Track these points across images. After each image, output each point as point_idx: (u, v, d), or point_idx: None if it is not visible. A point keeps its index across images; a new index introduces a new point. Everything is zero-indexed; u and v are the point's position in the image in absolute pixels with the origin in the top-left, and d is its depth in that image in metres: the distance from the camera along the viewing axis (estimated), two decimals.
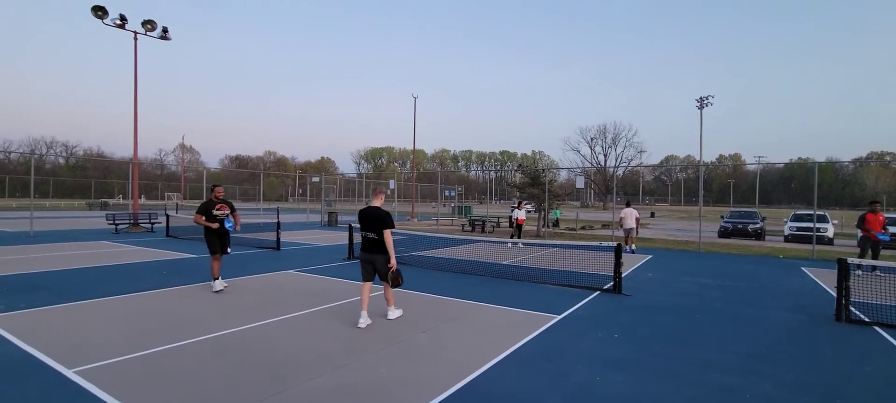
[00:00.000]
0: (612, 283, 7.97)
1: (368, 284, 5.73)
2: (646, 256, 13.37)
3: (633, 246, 14.71)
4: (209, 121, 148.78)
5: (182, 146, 77.74)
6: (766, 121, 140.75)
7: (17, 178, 52.33)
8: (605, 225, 26.58)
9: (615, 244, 8.12)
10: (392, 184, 30.40)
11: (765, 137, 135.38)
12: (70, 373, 3.96)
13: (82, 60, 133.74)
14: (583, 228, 25.25)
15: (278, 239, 13.30)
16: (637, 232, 15.66)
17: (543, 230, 20.91)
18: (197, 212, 7.56)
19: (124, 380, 3.83)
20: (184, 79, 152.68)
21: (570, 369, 4.34)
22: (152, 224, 19.16)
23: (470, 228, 22.98)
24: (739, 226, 20.77)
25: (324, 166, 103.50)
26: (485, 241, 16.24)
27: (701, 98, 43.31)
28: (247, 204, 44.75)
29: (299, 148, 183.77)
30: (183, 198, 42.94)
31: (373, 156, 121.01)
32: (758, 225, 20.50)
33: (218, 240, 7.57)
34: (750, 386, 4.01)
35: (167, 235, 16.49)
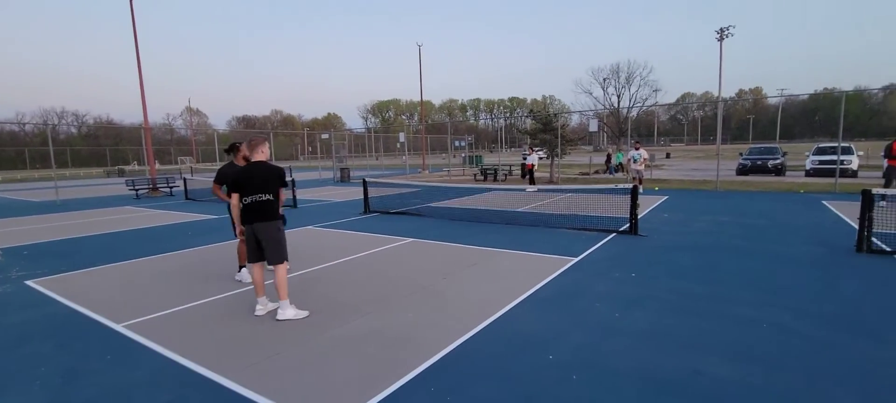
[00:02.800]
0: (628, 225, 8.00)
1: (257, 265, 4.39)
2: (662, 197, 13.30)
3: (641, 188, 14.58)
4: (213, 82, 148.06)
5: (189, 109, 77.91)
6: (790, 52, 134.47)
7: (35, 150, 53.39)
8: (620, 168, 26.30)
9: (631, 185, 8.09)
10: (401, 137, 30.24)
11: (788, 69, 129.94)
12: (119, 327, 4.22)
13: (82, 28, 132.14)
14: (596, 172, 25.06)
15: (294, 196, 13.51)
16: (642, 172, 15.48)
17: (557, 175, 20.82)
18: (215, 182, 5.69)
19: (167, 332, 4.07)
20: (185, 41, 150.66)
21: (590, 307, 4.46)
22: (171, 188, 19.56)
23: (482, 178, 22.97)
24: (759, 163, 20.37)
25: (331, 122, 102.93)
26: (498, 189, 16.31)
27: (721, 29, 41.30)
28: None
29: (305, 105, 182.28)
30: (196, 161, 43.44)
31: (380, 109, 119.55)
32: (778, 161, 20.07)
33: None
34: (767, 318, 4.09)
35: (186, 198, 16.85)
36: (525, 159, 18.41)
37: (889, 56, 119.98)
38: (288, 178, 4.41)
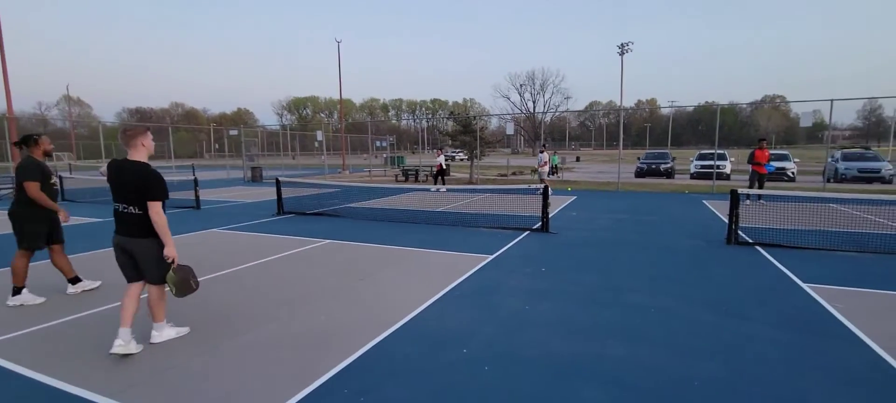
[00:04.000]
0: (540, 223, 8.45)
1: (135, 287, 3.60)
2: (572, 197, 14.26)
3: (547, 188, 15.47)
4: (98, 69, 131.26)
5: (68, 97, 68.34)
6: (680, 69, 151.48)
7: None
8: (534, 170, 27.75)
9: (542, 187, 8.57)
10: (319, 135, 29.21)
11: (679, 82, 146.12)
12: None
13: None
14: (513, 174, 26.17)
15: (197, 196, 12.42)
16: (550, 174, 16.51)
17: (476, 177, 21.41)
18: (30, 180, 4.50)
19: (33, 351, 3.51)
20: (64, 17, 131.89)
21: (502, 302, 4.63)
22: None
23: (404, 178, 22.93)
24: (653, 167, 22.72)
25: (241, 118, 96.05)
26: (418, 190, 16.41)
27: (622, 44, 45.30)
28: (155, 163, 40.96)
29: (211, 100, 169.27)
30: (76, 158, 38.19)
31: (296, 106, 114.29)
32: (668, 165, 22.53)
33: (47, 225, 4.77)
34: (655, 303, 4.55)
35: (63, 198, 14.76)
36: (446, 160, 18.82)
37: (756, 74, 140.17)
38: (166, 187, 3.55)
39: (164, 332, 3.69)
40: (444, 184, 17.10)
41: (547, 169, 15.75)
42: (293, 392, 2.89)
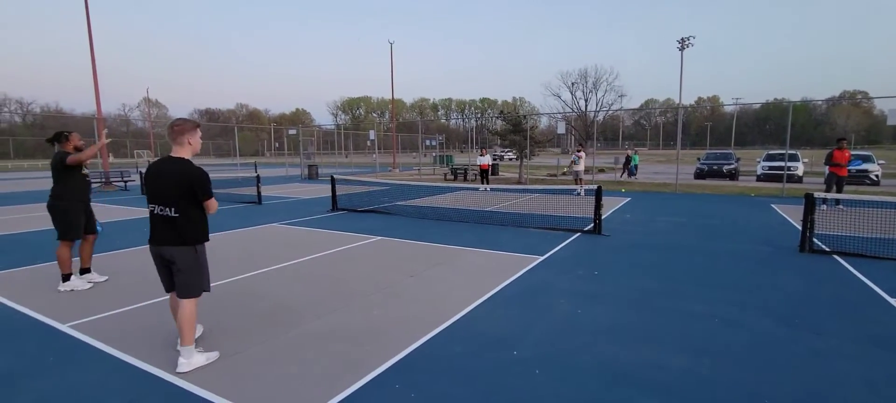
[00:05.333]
0: (592, 225, 8.22)
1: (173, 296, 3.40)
2: (625, 199, 13.74)
3: (582, 189, 14.94)
4: (174, 73, 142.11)
5: (147, 100, 74.39)
6: (745, 63, 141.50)
7: None
8: (588, 171, 27.02)
9: (596, 187, 8.33)
10: (372, 134, 29.95)
11: (743, 79, 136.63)
12: (65, 328, 3.99)
13: (29, 6, 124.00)
14: (564, 174, 25.59)
15: (259, 192, 13.15)
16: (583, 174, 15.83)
17: (525, 177, 21.14)
18: (66, 157, 4.91)
19: (119, 332, 3.88)
20: (144, 26, 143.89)
21: (553, 303, 4.56)
22: (126, 182, 18.64)
23: (452, 177, 23.05)
24: (715, 167, 21.39)
25: (299, 118, 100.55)
26: (467, 189, 16.45)
27: (682, 38, 42.99)
28: (222, 160, 43.75)
29: (272, 100, 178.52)
30: (153, 155, 41.55)
31: (350, 106, 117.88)
32: (732, 166, 21.13)
33: (83, 216, 5.16)
34: (718, 312, 4.30)
35: (142, 193, 16.10)
36: (477, 159, 18.66)
37: (834, 70, 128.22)
38: (212, 188, 3.29)
39: (194, 359, 3.23)
40: (488, 183, 17.04)
41: (582, 167, 15.30)
42: (347, 384, 3.01)
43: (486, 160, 17.46)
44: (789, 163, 16.99)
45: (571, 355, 3.45)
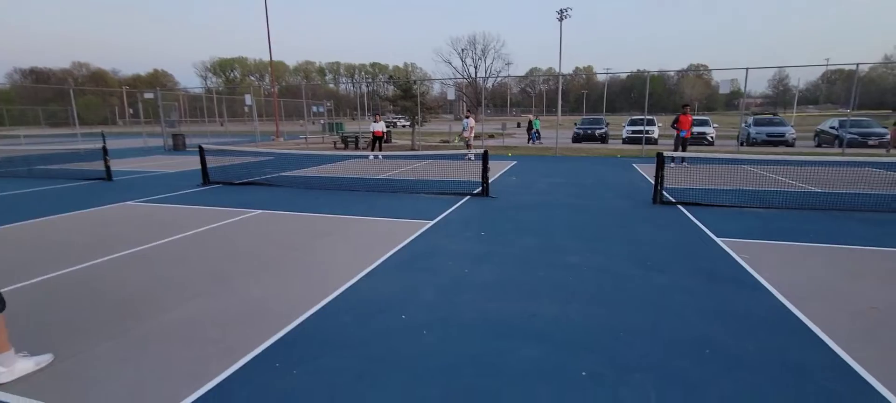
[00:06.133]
0: (480, 188, 8.51)
1: None
2: (512, 162, 14.51)
3: (472, 154, 15.51)
4: None
5: None
6: (617, 36, 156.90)
7: None
8: (478, 136, 27.95)
9: (483, 151, 8.60)
10: (248, 99, 27.40)
11: (614, 51, 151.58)
12: None
13: None
14: (457, 141, 26.18)
15: (107, 166, 11.22)
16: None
17: (417, 143, 21.17)
18: None
19: None
20: None
21: (442, 266, 4.63)
22: None
23: (343, 145, 22.19)
24: (589, 132, 23.64)
25: (159, 80, 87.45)
26: (358, 157, 15.97)
27: (561, 10, 45.98)
28: (59, 130, 36.64)
29: (121, 59, 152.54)
30: None
31: (222, 68, 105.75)
32: (603, 131, 23.54)
33: None
34: (587, 262, 4.76)
35: None
36: (371, 126, 18.23)
37: (683, 42, 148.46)
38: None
39: (16, 366, 2.68)
40: (381, 150, 16.75)
41: (473, 134, 15.89)
42: (222, 368, 2.72)
43: (380, 127, 17.07)
44: (647, 128, 19.42)
45: (458, 313, 3.53)
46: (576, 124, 26.08)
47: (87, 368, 2.79)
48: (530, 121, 25.63)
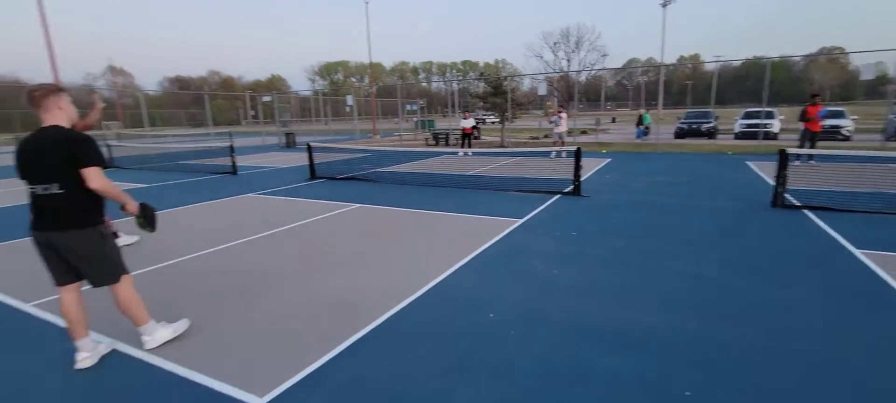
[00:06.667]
0: (572, 186, 8.24)
1: (71, 290, 2.87)
2: (606, 159, 13.81)
3: (562, 151, 14.65)
4: (138, 39, 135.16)
5: (112, 68, 71.04)
6: (728, 20, 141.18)
7: None
8: (570, 133, 27.02)
9: (575, 149, 8.30)
10: (350, 100, 29.28)
11: (725, 37, 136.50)
12: (28, 307, 3.86)
13: None
14: (545, 136, 25.55)
15: (234, 162, 12.80)
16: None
17: (507, 140, 21.04)
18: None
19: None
20: None
21: (530, 266, 4.58)
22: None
23: (434, 142, 22.80)
24: (694, 126, 21.58)
25: (275, 85, 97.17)
26: (448, 154, 16.31)
27: None
28: (195, 130, 42.39)
29: (245, 66, 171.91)
30: (123, 126, 39.98)
31: (327, 71, 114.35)
32: (711, 125, 21.34)
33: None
34: (692, 269, 4.38)
35: (112, 166, 15.56)
36: (460, 123, 18.38)
37: (812, 26, 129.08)
38: (101, 153, 2.78)
39: (157, 334, 3.05)
40: (470, 146, 16.90)
41: (563, 129, 15.25)
42: (322, 353, 2.98)
43: (469, 123, 17.28)
44: (765, 121, 17.23)
45: (546, 315, 3.48)
46: (679, 118, 23.94)
47: (213, 340, 3.24)
48: (640, 116, 23.48)
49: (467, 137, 17.17)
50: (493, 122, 39.75)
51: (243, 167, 14.18)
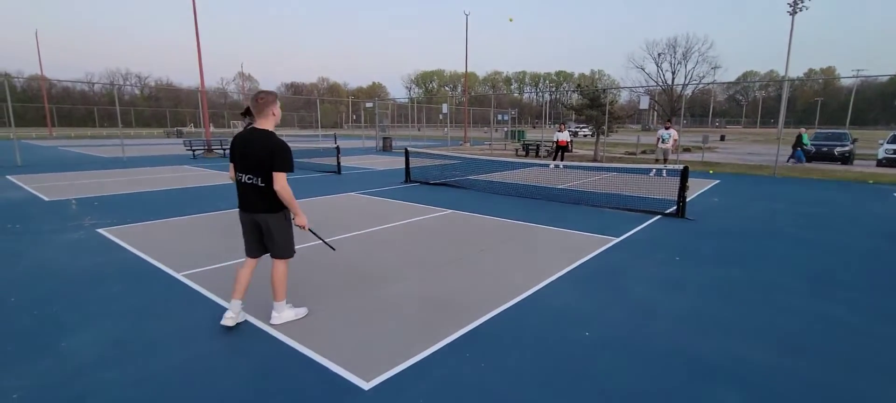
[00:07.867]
0: (675, 208, 7.74)
1: (251, 262, 3.55)
2: (714, 181, 12.71)
3: (664, 169, 13.68)
4: (263, 48, 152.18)
5: (241, 74, 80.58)
6: (870, 30, 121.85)
7: (103, 109, 57.34)
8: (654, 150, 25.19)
9: (682, 167, 7.78)
10: (445, 108, 30.14)
11: (866, 48, 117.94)
12: (179, 276, 4.59)
13: None
14: (643, 152, 24.12)
15: (339, 163, 13.89)
16: (672, 152, 14.60)
17: (601, 154, 20.23)
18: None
19: (220, 283, 4.38)
20: (240, 5, 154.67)
21: (629, 287, 4.42)
22: (224, 150, 20.52)
23: (524, 153, 22.66)
24: (824, 149, 18.93)
25: (375, 91, 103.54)
26: (538, 165, 16.13)
27: (794, 1, 37.98)
28: (305, 131, 46.49)
29: (350, 73, 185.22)
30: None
31: (423, 80, 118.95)
32: (846, 148, 18.59)
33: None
34: (816, 309, 3.92)
35: (231, 161, 17.67)
36: (555, 135, 17.93)
37: None
38: (293, 158, 3.33)
39: (284, 313, 3.57)
40: (563, 159, 16.51)
41: (670, 145, 14.13)
42: (422, 348, 3.17)
43: (564, 136, 16.87)
44: None
45: (646, 341, 3.35)
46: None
47: (324, 324, 3.60)
48: (798, 136, 18.54)
49: (561, 150, 16.81)
50: (585, 135, 38.39)
51: (346, 167, 15.31)
